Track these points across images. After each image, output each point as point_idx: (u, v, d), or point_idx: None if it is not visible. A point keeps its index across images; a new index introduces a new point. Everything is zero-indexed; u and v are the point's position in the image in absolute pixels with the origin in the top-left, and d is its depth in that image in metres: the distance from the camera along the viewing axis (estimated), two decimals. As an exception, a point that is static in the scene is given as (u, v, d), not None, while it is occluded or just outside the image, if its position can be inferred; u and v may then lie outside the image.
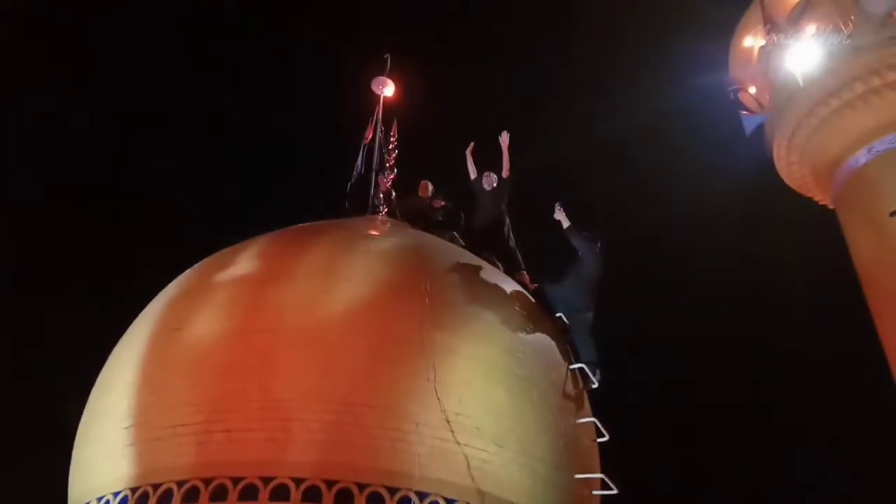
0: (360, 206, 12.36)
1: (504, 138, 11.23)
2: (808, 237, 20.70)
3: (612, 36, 25.89)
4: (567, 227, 10.11)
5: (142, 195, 24.19)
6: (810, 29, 18.24)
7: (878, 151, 16.22)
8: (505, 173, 11.31)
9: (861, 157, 16.48)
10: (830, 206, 18.53)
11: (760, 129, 19.09)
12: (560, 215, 10.18)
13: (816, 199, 19.29)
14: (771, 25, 19.16)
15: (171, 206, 24.40)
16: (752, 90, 19.96)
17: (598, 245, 9.95)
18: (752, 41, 19.97)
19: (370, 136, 13.38)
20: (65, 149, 23.51)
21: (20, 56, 21.07)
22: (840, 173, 17.03)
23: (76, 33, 23.29)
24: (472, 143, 11.83)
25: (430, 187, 12.12)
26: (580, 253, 9.87)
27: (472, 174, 11.65)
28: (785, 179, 19.23)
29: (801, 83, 17.39)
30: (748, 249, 24.95)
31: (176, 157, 25.43)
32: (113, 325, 9.41)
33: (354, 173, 12.90)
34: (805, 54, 17.58)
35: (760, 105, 19.52)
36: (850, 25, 16.94)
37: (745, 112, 19.28)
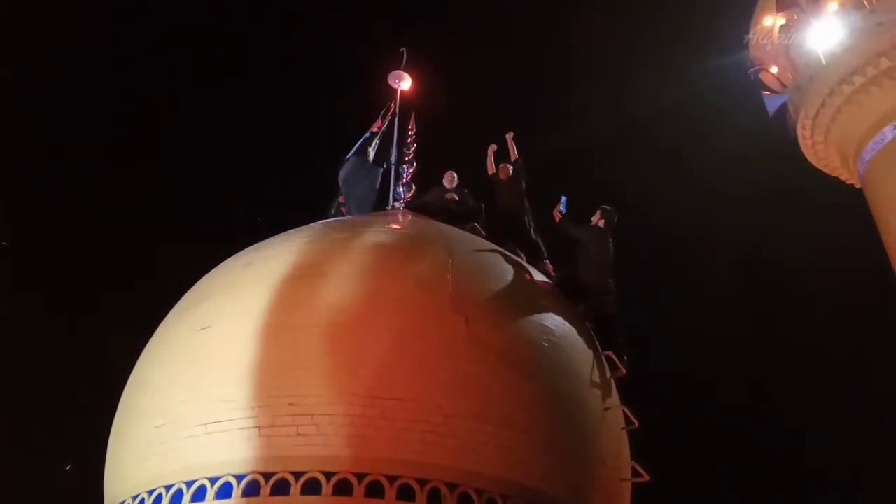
0: (380, 201, 12.38)
1: (509, 136, 11.70)
2: (835, 218, 20.41)
3: (631, 18, 25.69)
4: (559, 221, 10.38)
5: (162, 194, 24.39)
6: (832, 6, 17.91)
7: (905, 128, 15.94)
8: (513, 156, 11.56)
9: (888, 133, 16.16)
10: (857, 186, 18.22)
11: (783, 109, 18.79)
12: (557, 212, 10.46)
13: (842, 178, 18.96)
14: (785, 7, 18.85)
15: (192, 204, 24.64)
16: (774, 70, 19.65)
17: (613, 222, 10.14)
18: (772, 20, 19.62)
19: (379, 126, 13.30)
20: (74, 150, 23.76)
21: (22, 57, 21.27)
22: (866, 151, 16.71)
23: (76, 33, 23.43)
24: (492, 145, 11.91)
25: (455, 177, 12.10)
26: (583, 241, 10.09)
27: (491, 169, 11.73)
28: (810, 160, 18.91)
29: (823, 61, 17.09)
30: (773, 231, 24.68)
31: (198, 155, 25.64)
32: (142, 326, 9.53)
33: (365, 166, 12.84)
34: (827, 32, 17.29)
35: (783, 85, 19.22)
36: (874, 1, 16.61)
37: (766, 93, 18.98)
